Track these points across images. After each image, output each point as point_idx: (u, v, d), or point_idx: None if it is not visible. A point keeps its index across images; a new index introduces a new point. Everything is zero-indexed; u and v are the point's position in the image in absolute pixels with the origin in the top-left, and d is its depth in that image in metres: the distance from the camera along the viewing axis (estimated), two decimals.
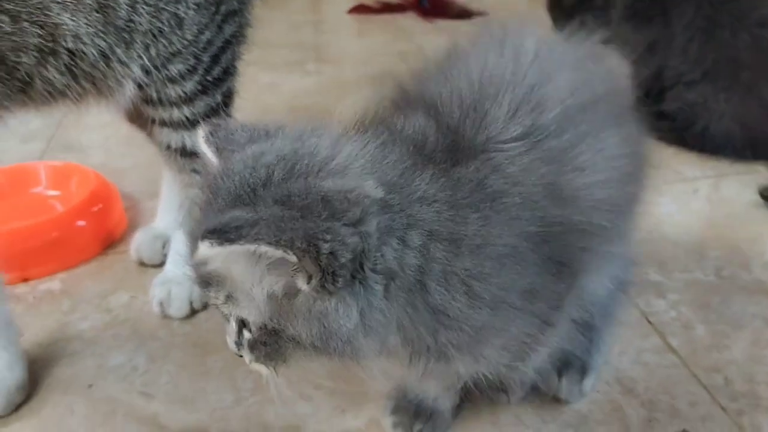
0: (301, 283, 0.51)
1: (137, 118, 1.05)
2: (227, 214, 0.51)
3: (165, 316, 1.02)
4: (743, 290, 1.03)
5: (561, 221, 0.59)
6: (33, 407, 0.87)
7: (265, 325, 0.55)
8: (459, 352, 0.59)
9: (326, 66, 2.05)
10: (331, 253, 0.49)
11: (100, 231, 1.19)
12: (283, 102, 1.80)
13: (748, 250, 1.13)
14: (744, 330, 0.95)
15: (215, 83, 0.97)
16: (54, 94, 0.83)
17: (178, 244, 1.07)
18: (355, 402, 0.86)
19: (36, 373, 0.91)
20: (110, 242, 1.20)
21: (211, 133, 0.59)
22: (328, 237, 0.49)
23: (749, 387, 0.86)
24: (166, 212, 1.16)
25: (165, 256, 1.11)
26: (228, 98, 1.01)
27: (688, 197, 1.28)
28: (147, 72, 0.89)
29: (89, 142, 1.59)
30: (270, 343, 0.56)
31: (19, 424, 0.85)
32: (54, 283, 1.11)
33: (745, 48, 1.37)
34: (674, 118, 1.38)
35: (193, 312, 1.02)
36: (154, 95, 0.93)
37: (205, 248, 0.48)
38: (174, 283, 1.02)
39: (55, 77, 0.81)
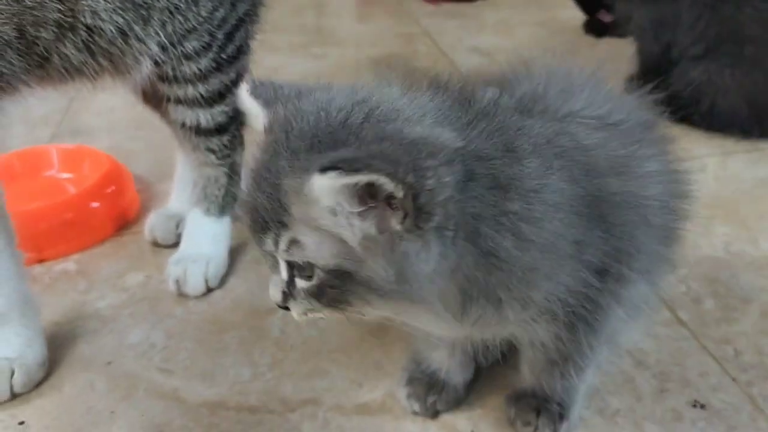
0: (395, 222, 0.53)
1: (151, 98, 1.06)
2: (331, 153, 0.52)
3: (181, 295, 1.03)
4: (751, 265, 1.05)
5: (619, 192, 0.63)
6: (54, 384, 0.89)
7: (339, 267, 0.56)
8: (509, 295, 0.60)
9: (332, 49, 2.05)
10: (431, 189, 0.51)
11: (114, 212, 1.20)
12: None
13: (755, 226, 1.14)
14: (752, 303, 0.97)
15: (229, 61, 0.98)
16: (71, 71, 0.84)
17: (192, 223, 1.08)
18: (371, 376, 0.87)
19: (55, 352, 0.93)
20: (123, 223, 1.21)
21: (257, 87, 0.62)
22: (430, 174, 0.51)
23: (759, 359, 0.87)
24: (180, 193, 1.17)
25: (179, 236, 1.12)
26: (241, 76, 1.02)
27: (696, 174, 1.28)
28: (163, 49, 0.90)
29: (98, 126, 1.60)
30: (338, 286, 0.57)
31: (41, 401, 0.86)
32: (69, 264, 1.12)
33: (749, 22, 1.36)
34: (681, 96, 1.38)
35: (209, 290, 1.04)
36: (170, 72, 0.94)
37: (326, 180, 0.50)
38: (189, 261, 1.03)
39: (72, 53, 0.82)
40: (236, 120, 1.05)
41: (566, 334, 0.67)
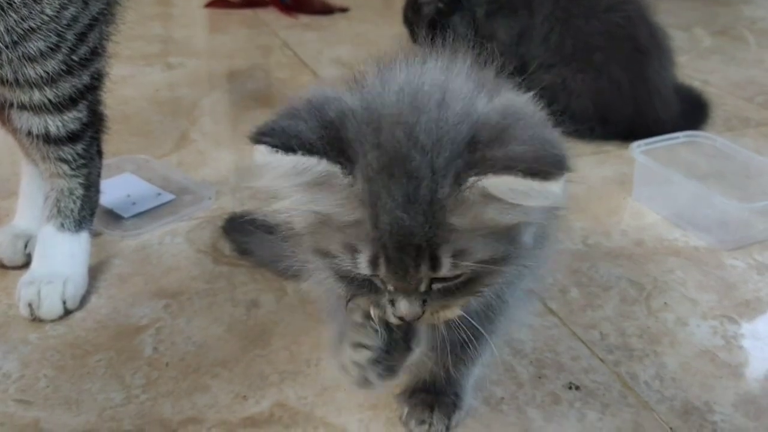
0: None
1: None
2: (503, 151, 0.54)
3: (35, 319, 0.93)
4: (607, 255, 1.13)
5: None
6: None
7: (499, 254, 0.57)
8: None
9: (187, 59, 1.97)
10: None
11: None
12: (143, 95, 1.71)
13: (607, 220, 1.23)
14: (612, 290, 1.04)
15: (82, 63, 0.91)
16: None
17: (45, 241, 0.99)
18: (256, 387, 0.84)
19: None
20: None
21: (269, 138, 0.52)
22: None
23: (622, 340, 0.94)
24: (28, 208, 1.06)
25: (28, 256, 1.02)
26: (97, 80, 0.95)
27: None
28: None
29: None
30: (470, 281, 0.58)
31: None
32: None
33: (596, 33, 1.51)
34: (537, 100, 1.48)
35: (67, 312, 0.95)
36: (10, 75, 0.86)
37: (534, 183, 0.52)
38: (44, 282, 0.94)
39: None
40: (92, 126, 0.98)
41: (495, 301, 0.69)
